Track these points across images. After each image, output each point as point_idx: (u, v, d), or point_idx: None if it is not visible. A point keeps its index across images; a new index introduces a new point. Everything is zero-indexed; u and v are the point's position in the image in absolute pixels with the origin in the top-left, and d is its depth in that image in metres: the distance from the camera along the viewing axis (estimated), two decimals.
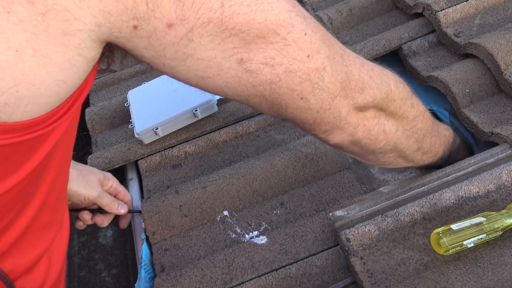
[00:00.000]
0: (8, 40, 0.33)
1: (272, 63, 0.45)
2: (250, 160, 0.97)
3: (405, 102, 0.63)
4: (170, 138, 1.07)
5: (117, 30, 0.38)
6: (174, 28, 0.39)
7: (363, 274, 0.69)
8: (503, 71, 0.88)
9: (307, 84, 0.49)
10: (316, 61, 0.48)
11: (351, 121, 0.56)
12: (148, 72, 1.33)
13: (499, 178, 0.74)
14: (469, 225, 0.66)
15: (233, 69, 0.44)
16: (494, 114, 0.87)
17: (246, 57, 0.44)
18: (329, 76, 0.50)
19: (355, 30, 1.21)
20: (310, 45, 0.47)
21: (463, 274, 0.65)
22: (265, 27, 0.42)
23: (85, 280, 1.10)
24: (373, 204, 0.76)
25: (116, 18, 0.37)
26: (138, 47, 0.40)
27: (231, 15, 0.40)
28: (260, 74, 0.46)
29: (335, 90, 0.52)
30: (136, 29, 0.38)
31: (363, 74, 0.55)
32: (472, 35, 0.99)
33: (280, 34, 0.44)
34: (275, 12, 0.43)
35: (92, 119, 1.19)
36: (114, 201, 0.85)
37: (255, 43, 0.43)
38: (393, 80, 0.61)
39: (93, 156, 1.09)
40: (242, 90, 0.47)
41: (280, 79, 0.47)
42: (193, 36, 0.40)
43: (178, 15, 0.38)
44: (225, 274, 0.80)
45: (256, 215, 0.90)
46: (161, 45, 0.40)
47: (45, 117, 0.38)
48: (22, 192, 0.43)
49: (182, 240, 0.90)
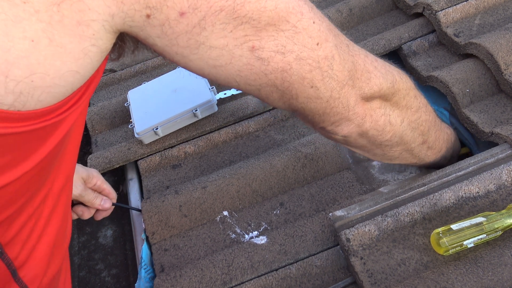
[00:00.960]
0: (24, 30, 0.33)
1: (283, 50, 0.46)
2: (250, 160, 0.97)
3: (409, 93, 0.64)
4: (170, 138, 1.07)
5: (130, 19, 0.38)
6: (186, 17, 0.40)
7: (363, 274, 0.69)
8: (503, 71, 0.88)
9: (317, 72, 0.49)
10: (325, 49, 0.49)
11: (359, 112, 0.57)
12: (148, 72, 1.33)
13: (499, 178, 0.74)
14: (469, 225, 0.66)
15: (245, 57, 0.45)
16: (494, 114, 0.87)
17: (258, 45, 0.45)
18: (338, 64, 0.51)
19: (355, 30, 1.21)
20: (319, 33, 0.48)
21: (463, 274, 0.65)
22: (276, 14, 0.43)
23: (85, 280, 1.10)
24: (373, 204, 0.76)
25: (129, 7, 0.37)
26: (151, 35, 0.41)
27: (242, 3, 0.41)
28: (271, 62, 0.46)
29: (344, 79, 0.52)
30: (149, 18, 0.39)
31: (368, 64, 0.56)
32: (472, 35, 0.99)
33: (290, 22, 0.45)
34: (285, 0, 0.44)
35: (92, 119, 1.19)
36: (96, 197, 0.85)
37: (266, 30, 0.44)
38: (396, 71, 0.62)
39: (93, 156, 1.09)
40: (254, 79, 0.48)
41: (291, 67, 0.48)
42: (206, 24, 0.41)
43: (190, 3, 0.39)
44: (224, 274, 0.80)
45: (256, 215, 0.90)
46: (174, 34, 0.41)
47: (58, 105, 0.39)
48: (33, 179, 0.44)
49: (182, 240, 0.90)
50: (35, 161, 0.41)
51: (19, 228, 0.48)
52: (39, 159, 0.42)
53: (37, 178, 0.45)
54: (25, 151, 0.40)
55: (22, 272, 0.51)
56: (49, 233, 0.53)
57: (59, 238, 0.56)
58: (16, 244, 0.48)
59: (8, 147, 0.38)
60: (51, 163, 0.46)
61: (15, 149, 0.39)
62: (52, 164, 0.46)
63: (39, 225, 0.51)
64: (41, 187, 0.47)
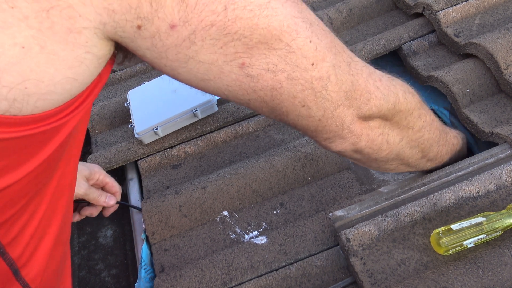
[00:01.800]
0: (14, 36, 0.33)
1: (274, 69, 0.45)
2: (250, 160, 0.97)
3: (412, 113, 0.62)
4: (170, 138, 1.07)
5: (121, 29, 0.38)
6: (176, 30, 0.39)
7: (363, 274, 0.69)
8: (503, 71, 0.88)
9: (309, 92, 0.48)
10: (321, 70, 0.47)
11: (355, 131, 0.56)
12: (148, 72, 1.33)
13: (499, 178, 0.74)
14: (469, 225, 0.66)
15: (234, 73, 0.44)
16: (494, 114, 0.87)
17: (248, 62, 0.43)
18: (333, 85, 0.49)
19: (355, 30, 1.21)
20: (315, 53, 0.46)
21: (463, 274, 0.65)
22: (268, 32, 0.42)
23: (85, 280, 1.10)
24: (373, 204, 0.76)
25: (121, 17, 0.37)
26: (141, 47, 0.40)
27: (234, 19, 0.40)
28: (261, 80, 0.45)
29: (339, 99, 0.51)
30: (140, 29, 0.38)
31: (369, 84, 0.54)
32: (472, 35, 0.99)
33: (283, 41, 0.43)
34: (279, 18, 0.42)
35: (92, 119, 1.19)
36: (101, 194, 0.86)
37: (258, 48, 0.43)
38: (402, 91, 0.60)
39: (93, 156, 1.09)
40: (242, 94, 0.47)
41: (282, 86, 0.46)
42: (196, 38, 0.40)
43: (181, 16, 0.38)
44: (224, 274, 0.80)
45: (256, 215, 0.90)
46: (163, 47, 0.40)
47: (57, 110, 0.39)
48: (34, 181, 0.44)
49: (182, 240, 0.90)
50: (36, 163, 0.41)
51: (21, 229, 0.48)
52: (40, 161, 0.42)
53: (39, 179, 0.45)
54: (25, 154, 0.40)
55: (24, 271, 0.51)
56: (51, 232, 0.53)
57: (60, 235, 0.56)
58: (18, 244, 0.48)
59: (7, 151, 0.38)
60: (52, 165, 0.46)
61: (14, 152, 0.38)
62: (54, 165, 0.46)
63: (42, 225, 0.51)
64: (43, 187, 0.47)
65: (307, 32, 0.45)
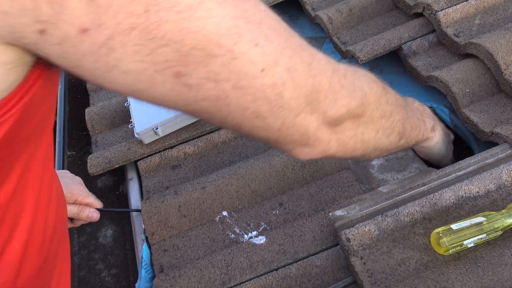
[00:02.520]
0: None
1: (216, 78, 0.39)
2: (249, 161, 0.97)
3: (380, 101, 0.58)
4: (170, 138, 1.07)
5: (20, 34, 0.33)
6: (89, 34, 0.34)
7: (363, 274, 0.68)
8: (503, 71, 0.88)
9: (262, 102, 0.42)
10: (273, 76, 0.41)
11: (322, 138, 0.50)
12: None
13: (499, 178, 0.74)
14: (469, 225, 0.66)
15: (168, 83, 0.39)
16: (494, 114, 0.87)
17: (185, 71, 0.38)
18: (290, 91, 0.43)
19: (355, 30, 1.21)
20: (263, 57, 0.40)
21: (463, 274, 0.65)
22: (203, 37, 0.36)
23: (85, 280, 1.10)
24: (373, 204, 0.76)
25: (15, 20, 0.32)
26: (51, 55, 0.35)
27: (158, 22, 0.34)
28: (201, 90, 0.39)
29: (298, 106, 0.45)
30: (44, 34, 0.33)
31: (334, 83, 0.49)
32: (472, 35, 0.99)
33: (224, 46, 0.37)
34: (215, 20, 0.36)
35: (92, 119, 1.19)
36: (81, 210, 0.84)
37: (193, 56, 0.37)
38: (366, 82, 0.56)
39: (93, 156, 1.09)
40: (183, 104, 0.42)
41: (228, 96, 0.41)
42: (115, 44, 0.35)
43: (92, 19, 0.33)
44: (223, 274, 0.80)
45: (255, 215, 0.90)
46: (77, 54, 0.35)
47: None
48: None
49: (181, 240, 0.90)
50: None
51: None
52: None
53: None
54: None
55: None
56: (19, 236, 0.48)
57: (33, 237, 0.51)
58: None
59: None
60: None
61: None
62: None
63: (4, 229, 0.46)
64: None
65: (251, 35, 0.39)
